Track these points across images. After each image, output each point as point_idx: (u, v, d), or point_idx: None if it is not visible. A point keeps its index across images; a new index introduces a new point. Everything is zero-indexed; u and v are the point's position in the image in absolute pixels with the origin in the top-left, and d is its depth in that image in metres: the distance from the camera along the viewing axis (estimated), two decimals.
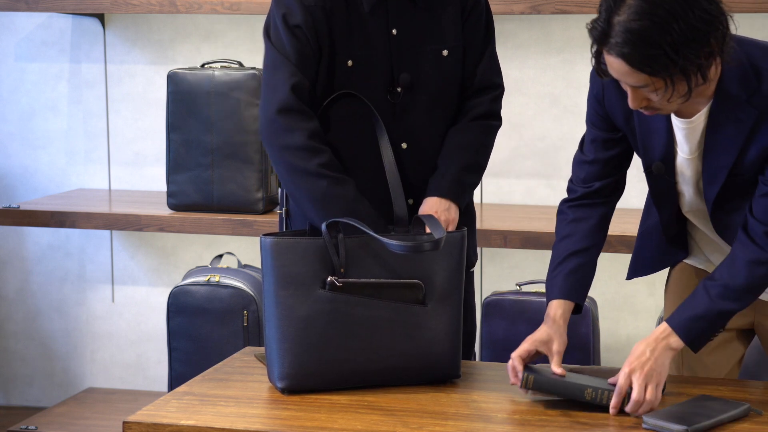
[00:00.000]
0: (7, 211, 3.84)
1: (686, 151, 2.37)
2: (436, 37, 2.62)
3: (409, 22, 2.61)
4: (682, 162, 2.39)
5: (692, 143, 2.36)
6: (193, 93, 3.75)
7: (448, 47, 2.63)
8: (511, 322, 3.55)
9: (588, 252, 2.52)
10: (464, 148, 2.63)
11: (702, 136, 2.34)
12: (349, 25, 2.58)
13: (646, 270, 2.64)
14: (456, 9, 2.64)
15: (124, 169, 4.25)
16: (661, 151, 2.39)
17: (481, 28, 2.68)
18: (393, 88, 2.60)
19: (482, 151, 2.68)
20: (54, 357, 4.38)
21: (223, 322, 3.70)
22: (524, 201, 3.99)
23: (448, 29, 2.63)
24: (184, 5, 3.74)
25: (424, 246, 2.31)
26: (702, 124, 2.33)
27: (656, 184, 2.47)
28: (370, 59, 2.59)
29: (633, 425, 2.21)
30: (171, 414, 2.25)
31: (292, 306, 2.35)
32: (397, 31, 2.60)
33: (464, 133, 2.65)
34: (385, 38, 2.60)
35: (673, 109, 2.26)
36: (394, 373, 2.41)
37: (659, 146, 2.38)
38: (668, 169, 2.41)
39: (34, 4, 3.85)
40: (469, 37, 2.66)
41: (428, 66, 2.62)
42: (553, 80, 3.92)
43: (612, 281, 3.94)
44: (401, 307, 2.39)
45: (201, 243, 4.21)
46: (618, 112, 2.42)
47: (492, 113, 2.69)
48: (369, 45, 2.59)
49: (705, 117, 2.32)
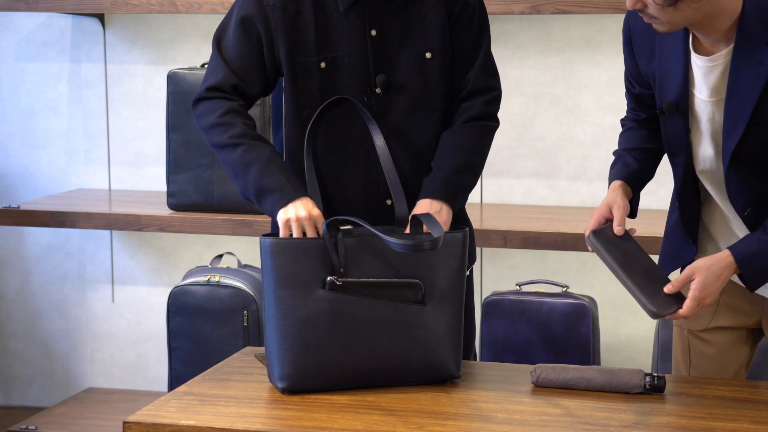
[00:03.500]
0: (7, 211, 3.84)
1: (704, 93, 2.36)
2: (418, 39, 2.60)
3: (389, 23, 2.59)
4: (699, 104, 2.38)
5: (710, 84, 2.34)
6: (193, 93, 3.74)
7: (432, 50, 2.61)
8: (511, 322, 3.55)
9: (643, 150, 2.60)
10: (457, 149, 2.61)
11: (721, 79, 2.33)
12: (319, 26, 2.57)
13: (669, 265, 2.63)
14: (442, 12, 2.61)
15: (124, 169, 4.25)
16: (676, 91, 2.39)
17: (471, 33, 2.64)
18: (371, 89, 2.59)
19: (476, 152, 2.64)
20: (54, 357, 4.38)
21: (223, 322, 3.70)
22: (524, 201, 3.99)
23: (432, 32, 2.60)
24: (184, 5, 3.74)
25: (423, 245, 2.31)
26: (721, 66, 2.32)
27: (668, 128, 2.46)
28: (345, 61, 2.58)
29: (633, 425, 2.21)
30: (171, 414, 2.25)
31: (292, 306, 2.35)
32: (377, 33, 2.58)
33: (457, 135, 2.62)
34: (363, 39, 2.58)
35: (667, 21, 2.26)
36: (394, 373, 2.41)
37: (675, 85, 2.38)
38: (682, 113, 2.40)
39: (34, 4, 3.85)
40: (458, 41, 2.63)
41: (409, 68, 2.59)
42: (553, 80, 3.92)
43: (612, 281, 3.94)
44: (401, 306, 2.39)
45: (201, 243, 4.21)
46: (643, 54, 2.45)
47: (486, 115, 2.65)
48: (344, 46, 2.58)
49: (725, 58, 2.31)
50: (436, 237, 2.32)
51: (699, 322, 2.62)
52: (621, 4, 3.46)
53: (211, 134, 2.58)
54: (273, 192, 2.47)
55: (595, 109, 3.88)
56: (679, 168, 2.49)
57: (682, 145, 2.44)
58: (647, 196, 3.86)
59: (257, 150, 2.52)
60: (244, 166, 2.51)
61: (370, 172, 2.62)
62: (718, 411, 2.28)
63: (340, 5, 2.57)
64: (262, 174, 2.49)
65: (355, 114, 2.58)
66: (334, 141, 2.61)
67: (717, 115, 2.36)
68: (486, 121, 2.65)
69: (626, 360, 3.95)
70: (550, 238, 3.47)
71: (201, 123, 2.61)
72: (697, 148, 2.43)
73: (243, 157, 2.52)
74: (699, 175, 2.47)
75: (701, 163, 2.45)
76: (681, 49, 2.36)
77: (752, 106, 2.29)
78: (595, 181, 3.91)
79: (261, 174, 2.49)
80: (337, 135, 2.61)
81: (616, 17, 3.82)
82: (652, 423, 2.23)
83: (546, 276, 3.93)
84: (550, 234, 3.47)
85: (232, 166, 2.54)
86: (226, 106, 2.58)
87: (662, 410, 2.32)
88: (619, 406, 2.32)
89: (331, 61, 2.58)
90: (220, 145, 2.56)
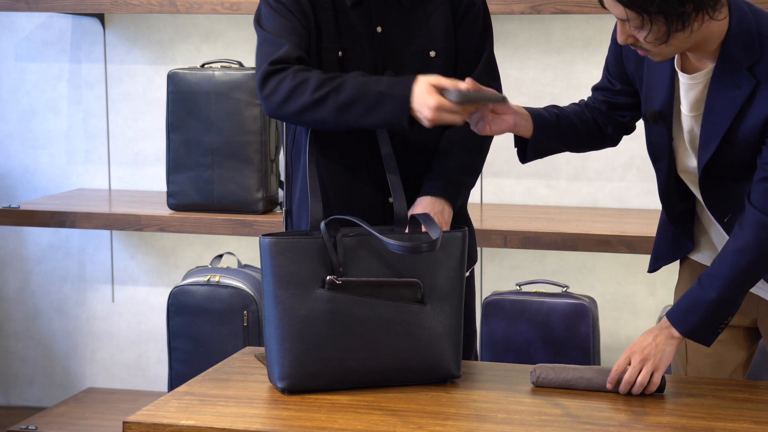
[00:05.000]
0: (7, 211, 3.84)
1: (686, 108, 2.40)
2: (423, 37, 2.61)
3: (394, 20, 2.60)
4: (683, 117, 2.41)
5: (690, 100, 2.38)
6: (193, 93, 3.75)
7: (436, 48, 2.62)
8: (511, 322, 3.55)
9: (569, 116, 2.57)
10: (459, 148, 2.62)
11: (700, 96, 2.36)
12: (334, 17, 2.58)
13: (662, 260, 2.64)
14: (447, 11, 2.62)
15: (124, 169, 4.25)
16: (661, 102, 2.42)
17: (476, 33, 2.65)
18: None
19: (477, 153, 2.66)
20: (54, 357, 4.38)
21: (223, 322, 3.70)
22: (524, 201, 3.99)
23: (437, 30, 2.61)
24: (184, 5, 3.74)
25: (421, 247, 2.31)
26: (701, 84, 2.35)
27: (652, 135, 2.49)
28: (357, 54, 2.59)
29: (633, 425, 2.21)
30: (171, 414, 2.25)
31: (292, 306, 2.35)
32: (382, 29, 2.59)
33: (458, 135, 2.63)
34: (369, 35, 2.59)
35: (659, 53, 2.29)
36: (394, 373, 2.41)
37: (660, 96, 2.42)
38: (666, 122, 2.43)
39: (34, 4, 3.85)
40: (463, 40, 2.64)
41: (413, 66, 2.59)
42: (553, 80, 3.92)
43: (612, 281, 3.94)
44: (401, 306, 2.39)
45: (201, 243, 4.21)
46: (631, 58, 2.47)
47: None
48: (355, 39, 2.59)
49: (705, 77, 2.34)
50: (434, 238, 2.32)
51: None
52: None
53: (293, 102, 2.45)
54: (394, 87, 2.41)
55: None
56: (661, 173, 2.52)
57: (665, 153, 2.48)
58: (646, 196, 3.87)
59: (348, 79, 2.44)
60: (352, 93, 2.42)
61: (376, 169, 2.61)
62: (718, 411, 2.28)
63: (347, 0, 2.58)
64: (371, 84, 2.41)
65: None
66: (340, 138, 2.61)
67: (696, 128, 2.41)
68: None
69: None
70: (550, 238, 3.47)
71: (275, 99, 2.47)
72: (681, 155, 2.47)
73: (340, 93, 2.43)
74: (681, 175, 2.50)
75: (683, 168, 2.48)
76: (668, 63, 2.40)
77: (726, 126, 2.33)
78: (595, 181, 3.91)
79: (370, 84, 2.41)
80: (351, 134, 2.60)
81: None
82: (652, 423, 2.23)
83: (546, 276, 3.93)
84: (550, 234, 3.47)
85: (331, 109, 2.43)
86: (294, 69, 2.46)
87: (662, 410, 2.32)
88: (619, 406, 2.32)
89: (347, 51, 2.59)
90: (306, 104, 2.44)
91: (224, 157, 3.73)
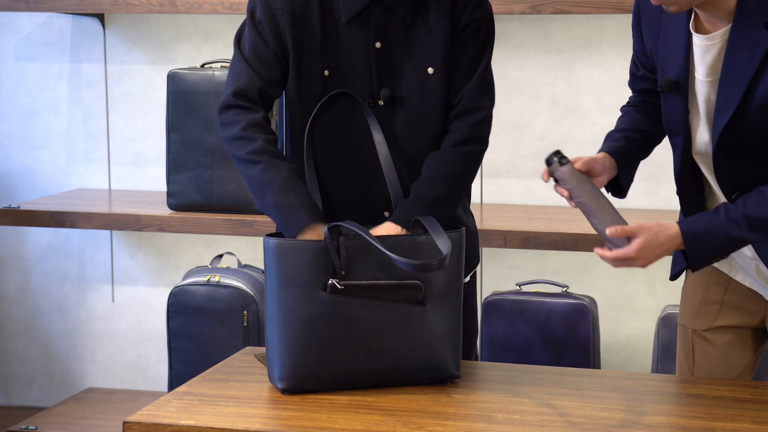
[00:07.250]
0: (7, 211, 3.84)
1: (702, 73, 2.36)
2: (423, 54, 2.57)
3: (394, 36, 2.56)
4: (698, 85, 2.38)
5: (707, 63, 2.35)
6: (193, 93, 3.75)
7: (434, 65, 2.57)
8: (511, 322, 3.55)
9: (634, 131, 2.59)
10: (437, 180, 2.55)
11: (717, 58, 2.33)
12: (324, 34, 2.56)
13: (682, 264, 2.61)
14: (447, 26, 2.57)
15: (124, 169, 4.25)
16: (677, 70, 2.39)
17: (473, 47, 2.59)
18: (374, 102, 2.58)
19: (456, 183, 2.57)
20: (54, 357, 4.38)
21: (223, 322, 3.70)
22: (524, 201, 3.99)
23: (436, 47, 2.57)
24: (184, 5, 3.74)
25: (431, 265, 2.31)
26: (718, 45, 2.33)
27: (668, 108, 2.46)
28: (348, 71, 2.57)
29: (633, 425, 2.21)
30: (171, 414, 2.25)
31: (294, 307, 2.36)
32: (381, 45, 2.57)
33: (440, 164, 2.56)
34: (366, 51, 2.57)
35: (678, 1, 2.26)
36: (394, 373, 2.41)
37: (676, 64, 2.39)
38: (681, 92, 2.41)
39: (34, 4, 3.85)
40: (458, 54, 2.59)
41: (411, 83, 2.57)
42: (553, 80, 3.92)
43: (612, 281, 3.94)
44: (401, 307, 2.39)
45: (201, 243, 4.21)
46: (650, 34, 2.46)
47: (473, 138, 2.58)
48: (347, 57, 2.57)
49: (722, 37, 2.32)
50: (443, 255, 2.32)
51: (702, 322, 2.62)
52: (621, 4, 3.47)
53: (232, 146, 2.56)
54: (287, 216, 2.47)
55: (595, 109, 3.88)
56: (677, 150, 2.49)
57: (681, 126, 2.44)
58: (647, 196, 3.87)
59: (275, 170, 2.51)
60: (262, 185, 2.50)
61: (372, 186, 2.61)
62: (718, 411, 2.28)
63: (343, 15, 2.55)
64: (277, 196, 2.48)
65: (354, 123, 2.58)
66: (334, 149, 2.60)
67: (712, 95, 2.37)
68: (472, 145, 2.58)
69: (626, 360, 3.95)
70: (550, 238, 3.47)
71: (224, 133, 2.58)
72: (695, 131, 2.43)
73: (261, 176, 2.50)
74: (695, 157, 2.47)
75: (697, 145, 2.45)
76: (683, 28, 2.38)
77: (744, 87, 2.29)
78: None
79: (277, 196, 2.48)
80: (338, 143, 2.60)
81: (616, 17, 3.82)
82: (652, 423, 2.23)
83: (546, 276, 3.93)
84: (550, 234, 3.47)
85: (249, 183, 2.54)
86: (249, 119, 2.55)
87: (662, 410, 2.32)
88: (619, 406, 2.32)
89: (335, 70, 2.57)
90: (239, 158, 2.54)
91: (224, 157, 3.73)
